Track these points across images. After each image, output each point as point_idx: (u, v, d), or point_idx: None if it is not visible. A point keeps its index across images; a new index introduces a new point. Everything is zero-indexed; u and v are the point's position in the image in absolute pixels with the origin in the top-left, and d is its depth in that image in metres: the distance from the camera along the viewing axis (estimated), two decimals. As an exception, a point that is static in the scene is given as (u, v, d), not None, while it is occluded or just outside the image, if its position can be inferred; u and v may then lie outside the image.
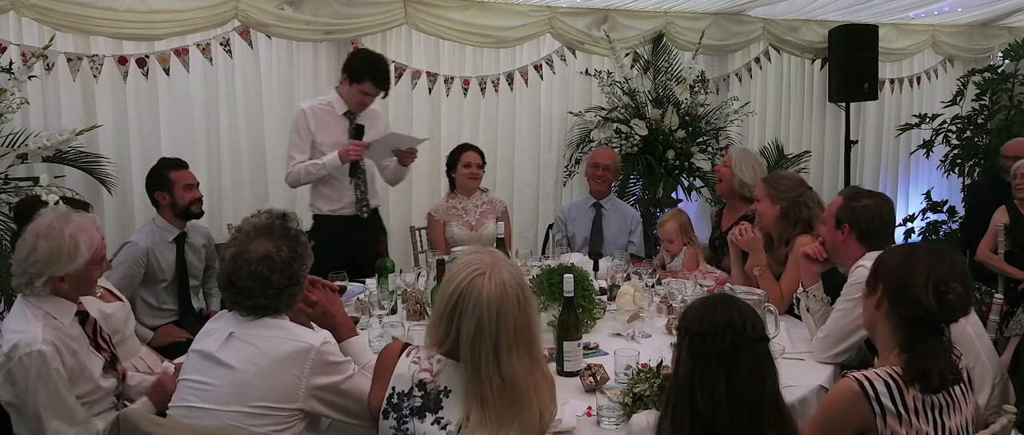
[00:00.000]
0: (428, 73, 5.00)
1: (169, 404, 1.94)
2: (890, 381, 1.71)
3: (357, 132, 3.72)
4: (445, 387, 1.65)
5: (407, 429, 1.66)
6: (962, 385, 1.78)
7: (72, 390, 2.11)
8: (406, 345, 1.77)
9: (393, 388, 1.69)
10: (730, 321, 1.57)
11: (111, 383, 2.25)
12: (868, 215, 2.49)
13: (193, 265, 3.56)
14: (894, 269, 1.82)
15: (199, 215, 3.52)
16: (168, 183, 3.40)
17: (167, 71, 4.25)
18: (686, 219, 3.82)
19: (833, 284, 2.74)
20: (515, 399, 1.61)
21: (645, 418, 1.71)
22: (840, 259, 2.66)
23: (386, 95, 3.86)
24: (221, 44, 4.39)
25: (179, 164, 3.50)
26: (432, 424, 1.64)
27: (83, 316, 2.27)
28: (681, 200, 5.30)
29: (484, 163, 4.33)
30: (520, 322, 1.62)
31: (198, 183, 3.53)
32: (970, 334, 2.29)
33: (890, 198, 2.66)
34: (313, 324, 2.09)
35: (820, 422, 1.78)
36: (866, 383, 1.71)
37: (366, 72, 3.68)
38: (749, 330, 1.57)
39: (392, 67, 4.83)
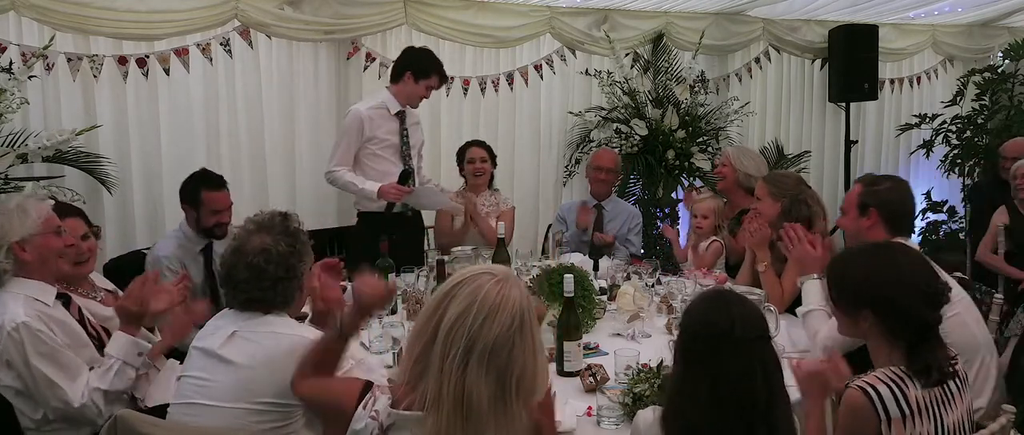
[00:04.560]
0: (428, 73, 4.99)
1: (171, 401, 1.95)
2: (892, 384, 1.70)
3: (403, 177, 3.76)
4: None
5: None
6: (957, 380, 1.79)
7: (69, 350, 2.17)
8: (366, 388, 1.58)
9: None
10: (714, 322, 1.56)
11: None
12: (893, 198, 2.48)
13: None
14: (875, 286, 1.79)
15: (221, 237, 3.31)
16: (197, 201, 3.25)
17: (167, 71, 4.24)
18: (722, 209, 3.83)
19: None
20: (468, 416, 1.43)
21: (652, 413, 1.71)
22: None
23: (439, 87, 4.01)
24: (221, 44, 4.38)
25: (214, 183, 3.29)
26: None
27: (66, 299, 2.29)
28: (681, 200, 5.30)
29: (493, 158, 4.35)
30: (501, 342, 1.43)
31: (230, 205, 3.33)
32: (979, 340, 2.29)
33: (906, 180, 2.65)
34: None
35: None
36: (871, 391, 1.69)
37: (432, 67, 3.86)
38: (738, 330, 1.55)
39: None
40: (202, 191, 3.25)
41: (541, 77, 5.38)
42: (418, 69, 3.84)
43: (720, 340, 1.54)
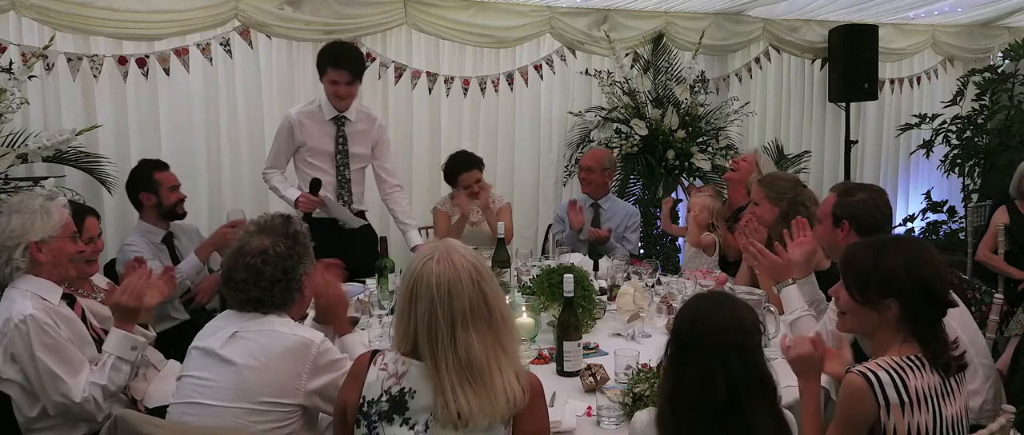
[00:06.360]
0: (428, 73, 4.99)
1: (171, 401, 1.95)
2: (893, 371, 1.71)
3: (313, 186, 3.57)
4: (409, 388, 1.64)
5: (378, 434, 1.64)
6: (958, 375, 1.80)
7: (73, 346, 2.19)
8: (374, 353, 1.73)
9: (364, 397, 1.67)
10: (678, 324, 1.68)
11: None
12: (866, 209, 2.45)
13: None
14: (903, 273, 1.78)
15: (183, 215, 3.50)
16: (154, 184, 3.37)
17: (167, 71, 4.24)
18: (719, 209, 3.87)
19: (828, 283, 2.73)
20: (474, 377, 1.59)
21: (648, 414, 1.72)
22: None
23: (359, 81, 3.66)
24: (221, 44, 4.38)
25: (161, 165, 3.47)
26: (400, 426, 1.63)
27: (70, 300, 2.32)
28: (681, 200, 5.30)
29: (481, 164, 4.31)
30: (475, 299, 1.61)
31: (180, 184, 3.50)
32: (963, 339, 2.29)
33: (883, 189, 2.64)
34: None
35: (840, 427, 1.76)
36: (871, 376, 1.70)
37: (325, 59, 3.58)
38: (698, 332, 1.63)
39: (369, 55, 4.62)
40: (154, 173, 3.39)
41: (541, 77, 5.38)
42: (318, 66, 3.62)
43: (684, 341, 1.64)
